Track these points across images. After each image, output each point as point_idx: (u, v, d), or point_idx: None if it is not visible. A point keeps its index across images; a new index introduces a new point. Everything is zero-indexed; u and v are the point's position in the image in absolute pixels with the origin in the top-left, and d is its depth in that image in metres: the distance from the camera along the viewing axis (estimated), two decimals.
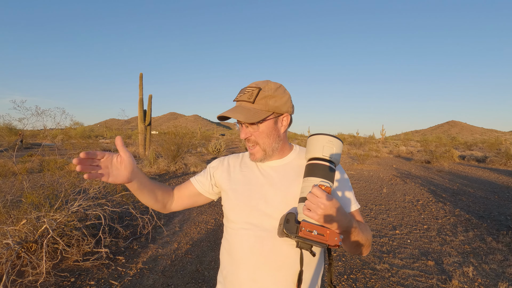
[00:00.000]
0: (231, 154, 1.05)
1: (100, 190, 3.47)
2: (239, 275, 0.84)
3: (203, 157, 12.61)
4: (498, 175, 9.53)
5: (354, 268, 2.92)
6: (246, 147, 0.93)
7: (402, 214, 4.90)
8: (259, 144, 0.86)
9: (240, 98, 0.86)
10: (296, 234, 0.67)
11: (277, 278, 0.81)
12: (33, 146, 16.76)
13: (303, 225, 0.68)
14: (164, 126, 26.53)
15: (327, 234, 0.68)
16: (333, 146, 0.78)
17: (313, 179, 0.75)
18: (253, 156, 0.89)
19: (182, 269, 2.84)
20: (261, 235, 0.83)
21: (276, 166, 0.92)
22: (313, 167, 0.77)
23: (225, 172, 0.96)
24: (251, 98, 0.83)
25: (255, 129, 0.85)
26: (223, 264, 0.92)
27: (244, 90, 0.86)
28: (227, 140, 29.00)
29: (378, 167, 11.69)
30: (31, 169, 7.76)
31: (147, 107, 13.10)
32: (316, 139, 0.80)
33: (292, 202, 0.84)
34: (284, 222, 0.68)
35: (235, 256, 0.86)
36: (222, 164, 0.99)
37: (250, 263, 0.83)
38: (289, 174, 0.89)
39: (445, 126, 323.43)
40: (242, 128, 0.87)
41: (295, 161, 0.92)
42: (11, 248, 2.54)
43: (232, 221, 0.89)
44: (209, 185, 0.99)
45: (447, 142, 27.40)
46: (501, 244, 3.53)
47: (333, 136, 0.79)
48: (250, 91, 0.84)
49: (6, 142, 15.48)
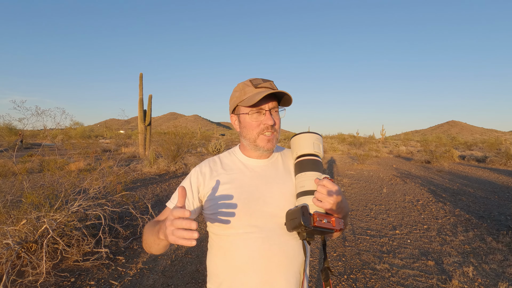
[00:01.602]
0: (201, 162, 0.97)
1: (100, 190, 3.47)
2: (249, 281, 0.81)
3: (203, 157, 12.61)
4: (498, 175, 9.53)
5: (354, 268, 2.92)
6: (251, 139, 0.88)
7: (402, 214, 4.90)
8: (277, 131, 0.89)
9: (265, 86, 0.87)
10: (313, 225, 0.71)
11: (289, 274, 0.82)
12: (33, 146, 16.77)
13: (317, 216, 0.72)
14: (164, 126, 26.50)
15: (333, 221, 0.74)
16: (320, 142, 0.87)
17: (312, 173, 0.80)
18: (271, 143, 0.88)
19: (182, 269, 2.84)
20: (267, 235, 0.82)
21: (265, 165, 0.93)
22: (308, 162, 0.83)
23: (208, 180, 0.89)
24: (274, 87, 0.88)
25: (277, 117, 0.89)
26: (220, 276, 0.86)
27: (259, 80, 0.88)
28: (227, 140, 29.00)
29: (378, 167, 11.69)
30: (31, 169, 7.77)
31: (147, 107, 13.11)
32: (305, 137, 0.87)
33: (290, 198, 0.85)
34: (301, 215, 0.71)
35: (240, 263, 0.82)
36: (202, 174, 0.91)
37: (260, 267, 0.80)
38: (280, 171, 0.91)
39: (445, 126, 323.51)
40: (267, 114, 0.86)
41: (280, 159, 0.96)
42: (11, 248, 2.54)
43: (231, 227, 0.83)
44: (196, 205, 0.90)
45: (447, 142, 27.38)
46: (501, 244, 3.53)
47: (317, 133, 0.87)
48: (268, 82, 0.88)
49: (6, 142, 15.49)
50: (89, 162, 8.58)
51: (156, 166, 8.81)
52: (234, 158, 0.95)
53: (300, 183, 0.80)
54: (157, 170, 8.64)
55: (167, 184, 6.96)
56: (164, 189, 6.37)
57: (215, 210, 0.86)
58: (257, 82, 0.87)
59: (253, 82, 0.87)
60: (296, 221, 0.71)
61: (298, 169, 0.84)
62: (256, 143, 0.88)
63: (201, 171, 0.92)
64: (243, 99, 0.87)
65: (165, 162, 9.00)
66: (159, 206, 5.04)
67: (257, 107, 0.85)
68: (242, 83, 0.90)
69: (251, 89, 0.86)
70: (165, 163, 8.94)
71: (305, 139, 0.86)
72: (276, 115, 0.88)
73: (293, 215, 0.74)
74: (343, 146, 21.30)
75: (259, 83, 0.86)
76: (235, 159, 0.95)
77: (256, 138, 0.87)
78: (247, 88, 0.87)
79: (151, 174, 8.20)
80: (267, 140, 0.87)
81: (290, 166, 0.93)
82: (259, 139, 0.87)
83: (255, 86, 0.86)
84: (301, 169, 0.82)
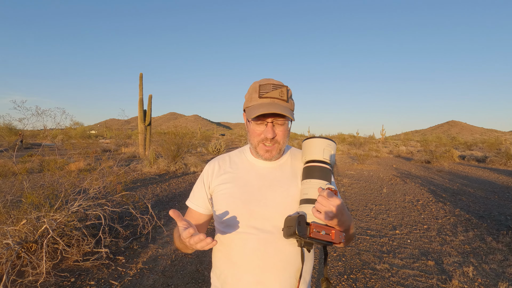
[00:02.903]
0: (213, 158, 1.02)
1: (100, 190, 3.47)
2: (243, 278, 0.83)
3: (203, 157, 12.61)
4: (498, 175, 9.53)
5: (354, 268, 2.92)
6: (253, 145, 0.89)
7: (402, 214, 4.90)
8: (279, 143, 0.87)
9: (272, 95, 0.83)
10: (308, 236, 0.69)
11: (283, 278, 0.82)
12: (33, 146, 16.77)
13: (314, 227, 0.70)
14: (164, 126, 26.50)
15: (333, 234, 0.72)
16: (331, 149, 0.82)
17: (317, 181, 0.77)
18: (269, 153, 0.87)
19: (182, 269, 2.84)
20: (264, 237, 0.82)
21: (272, 167, 0.92)
22: (315, 169, 0.79)
23: (216, 177, 0.93)
24: (283, 96, 0.83)
25: (281, 129, 0.86)
26: (220, 268, 0.90)
27: (270, 86, 0.83)
28: (227, 140, 29.02)
29: (378, 167, 11.69)
30: (31, 169, 7.77)
31: (147, 107, 13.11)
32: (316, 142, 0.83)
33: (292, 203, 0.84)
34: (296, 224, 0.69)
35: (236, 260, 0.85)
36: (211, 171, 0.95)
37: (254, 266, 0.82)
38: (286, 175, 0.90)
39: (445, 126, 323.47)
40: (269, 127, 0.83)
41: (289, 161, 0.94)
42: (11, 248, 2.54)
43: (230, 226, 0.86)
44: (209, 203, 0.95)
45: (447, 142, 27.38)
46: (501, 244, 3.53)
47: (331, 139, 0.83)
48: (280, 89, 0.83)
49: (6, 142, 15.49)
50: (89, 162, 8.58)
51: (156, 166, 8.81)
52: (243, 157, 0.96)
53: (304, 190, 0.79)
54: (157, 170, 8.64)
55: (167, 184, 6.96)
56: (164, 189, 6.37)
57: (218, 207, 0.89)
58: (264, 91, 0.83)
59: (261, 89, 0.83)
60: (291, 229, 0.71)
61: (304, 175, 0.82)
62: (256, 150, 0.89)
63: (211, 169, 0.95)
64: (248, 106, 0.87)
65: (165, 162, 9.00)
66: (159, 206, 5.04)
67: (258, 119, 0.84)
68: (254, 84, 0.88)
69: (256, 97, 0.84)
70: (165, 163, 8.94)
71: (316, 144, 0.82)
72: (279, 127, 0.85)
73: (290, 222, 0.73)
74: (343, 146, 21.31)
75: (266, 92, 0.83)
76: (244, 158, 0.95)
77: (256, 146, 0.88)
78: (253, 95, 0.85)
79: (151, 174, 8.20)
80: (266, 151, 0.87)
81: (298, 170, 0.91)
82: (259, 147, 0.87)
83: (260, 95, 0.83)
84: (307, 176, 0.80)
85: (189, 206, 0.97)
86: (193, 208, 0.96)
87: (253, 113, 0.81)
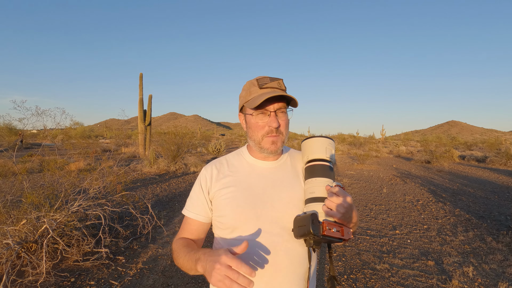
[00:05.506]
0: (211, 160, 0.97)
1: (100, 190, 3.47)
2: (254, 284, 0.80)
3: (203, 157, 12.61)
4: (498, 175, 9.53)
5: (354, 268, 2.92)
6: (256, 140, 0.86)
7: (402, 214, 4.90)
8: (283, 134, 0.85)
9: (272, 85, 0.83)
10: (322, 234, 0.69)
11: (294, 281, 0.81)
12: (33, 146, 16.77)
13: (326, 224, 0.70)
14: (164, 126, 26.52)
15: (342, 230, 0.72)
16: (332, 148, 0.83)
17: (323, 180, 0.77)
18: (275, 145, 0.84)
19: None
20: (273, 240, 0.80)
21: (273, 167, 0.90)
22: (319, 167, 0.79)
23: (215, 182, 0.88)
24: (282, 87, 0.85)
25: (283, 119, 0.85)
26: None
27: (267, 79, 0.84)
28: (227, 140, 29.02)
29: (378, 167, 11.69)
30: (31, 169, 7.77)
31: (147, 107, 13.12)
32: (318, 141, 0.83)
33: (298, 203, 0.82)
34: (310, 223, 0.69)
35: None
36: (209, 176, 0.90)
37: (265, 271, 0.79)
38: (289, 175, 0.88)
39: (445, 126, 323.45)
40: (272, 116, 0.82)
41: (289, 161, 0.92)
42: (11, 248, 2.54)
43: (236, 232, 0.82)
44: (209, 210, 0.89)
45: (447, 142, 27.37)
46: (501, 244, 3.53)
47: (330, 138, 0.84)
48: (277, 80, 0.84)
49: (6, 142, 15.49)
50: (89, 162, 8.58)
51: (156, 166, 8.81)
52: (242, 159, 0.93)
53: (310, 189, 0.77)
54: (157, 170, 8.64)
55: (167, 184, 6.96)
56: (164, 189, 6.37)
57: (221, 213, 0.84)
58: (263, 82, 0.84)
59: (259, 81, 0.84)
60: (305, 229, 0.70)
61: (308, 174, 0.80)
62: (261, 145, 0.85)
63: (209, 173, 0.90)
64: (248, 99, 0.85)
65: (165, 162, 9.00)
66: (159, 206, 5.04)
67: (262, 108, 0.82)
68: (249, 81, 0.88)
69: (256, 89, 0.84)
70: (165, 163, 8.94)
71: (317, 143, 0.82)
72: (282, 116, 0.84)
73: (301, 222, 0.72)
74: (343, 146, 21.31)
75: (265, 83, 0.83)
76: (242, 160, 0.92)
77: (260, 140, 0.85)
78: (253, 88, 0.85)
79: (151, 174, 8.20)
80: (272, 142, 0.84)
81: (298, 170, 0.90)
82: (263, 141, 0.84)
83: (260, 86, 0.83)
84: (311, 174, 0.79)
85: (188, 216, 0.90)
86: (193, 217, 0.89)
87: (257, 100, 0.79)
